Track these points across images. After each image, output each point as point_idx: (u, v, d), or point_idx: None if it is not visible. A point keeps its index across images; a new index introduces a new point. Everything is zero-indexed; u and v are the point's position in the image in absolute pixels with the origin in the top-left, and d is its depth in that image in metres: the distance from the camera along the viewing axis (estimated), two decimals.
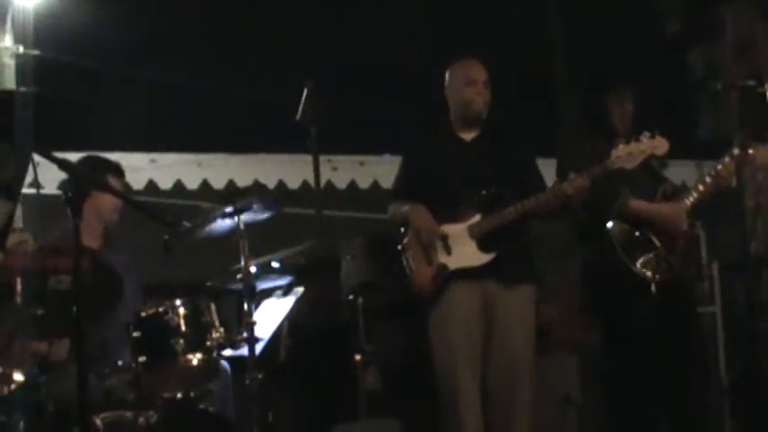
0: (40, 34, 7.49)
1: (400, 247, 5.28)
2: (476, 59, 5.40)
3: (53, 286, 4.74)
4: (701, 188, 5.35)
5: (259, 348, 5.13)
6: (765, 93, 5.24)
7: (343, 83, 7.94)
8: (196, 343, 4.72)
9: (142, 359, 4.63)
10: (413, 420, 5.78)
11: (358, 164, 8.68)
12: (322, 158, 6.89)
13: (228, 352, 4.99)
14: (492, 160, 5.26)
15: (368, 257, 6.37)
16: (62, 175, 3.96)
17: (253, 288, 5.24)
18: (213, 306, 4.87)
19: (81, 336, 3.82)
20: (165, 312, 4.73)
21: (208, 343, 4.75)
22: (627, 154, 5.01)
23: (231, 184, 8.26)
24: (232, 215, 5.02)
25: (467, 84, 5.31)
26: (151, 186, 8.07)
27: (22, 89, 7.38)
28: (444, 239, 5.15)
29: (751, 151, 5.31)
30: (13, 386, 4.30)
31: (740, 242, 6.97)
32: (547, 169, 5.45)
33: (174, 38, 8.10)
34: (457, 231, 5.14)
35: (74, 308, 3.82)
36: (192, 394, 4.76)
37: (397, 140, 6.08)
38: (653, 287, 5.19)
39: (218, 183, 8.26)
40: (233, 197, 5.15)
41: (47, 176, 6.17)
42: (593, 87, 5.62)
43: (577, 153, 5.37)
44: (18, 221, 6.27)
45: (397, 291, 5.43)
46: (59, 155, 4.03)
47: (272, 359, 6.02)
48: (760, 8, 7.16)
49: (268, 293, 5.90)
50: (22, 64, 7.40)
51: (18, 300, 4.49)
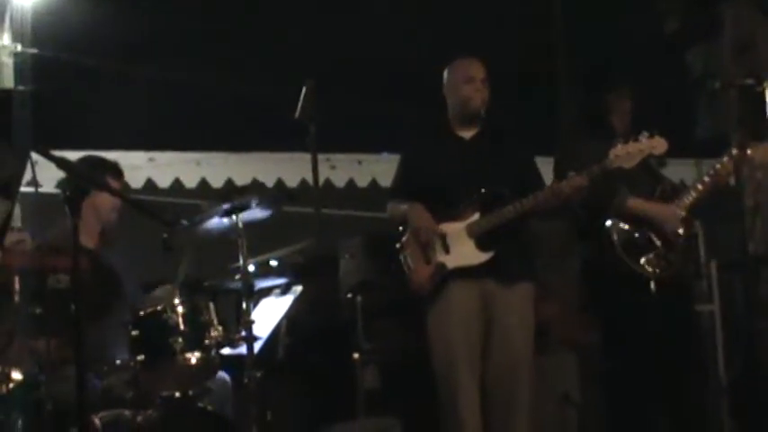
0: (39, 33, 7.50)
1: (399, 246, 5.27)
2: (474, 57, 5.40)
3: (52, 285, 4.74)
4: (700, 187, 5.36)
5: (257, 347, 5.12)
6: (764, 92, 5.24)
7: (341, 82, 7.93)
8: (195, 342, 4.71)
9: (141, 358, 4.62)
10: (411, 419, 5.77)
11: (356, 162, 8.68)
12: (321, 157, 6.88)
13: (227, 350, 4.99)
14: (491, 159, 5.24)
15: (366, 256, 6.37)
16: (60, 174, 3.94)
17: (251, 287, 5.24)
18: (212, 305, 4.86)
19: (79, 335, 3.82)
20: (164, 311, 4.72)
21: (206, 342, 4.73)
22: (625, 154, 5.00)
23: (230, 183, 8.26)
24: (231, 213, 5.01)
25: (465, 81, 5.30)
26: (150, 185, 8.07)
27: (21, 88, 7.39)
28: (443, 238, 5.14)
29: (749, 151, 5.31)
30: (12, 385, 4.30)
31: (739, 241, 6.98)
32: (547, 168, 5.45)
33: (173, 36, 8.10)
34: (455, 230, 5.13)
35: (72, 307, 3.81)
36: (191, 393, 4.75)
37: (396, 139, 6.08)
38: (652, 285, 5.20)
39: (216, 181, 8.26)
40: (232, 195, 5.13)
41: (45, 175, 6.15)
42: (592, 87, 5.62)
43: (576, 152, 5.37)
44: (16, 220, 6.26)
45: (396, 289, 5.42)
46: (58, 153, 4.02)
47: (271, 358, 6.02)
48: (759, 8, 7.15)
49: (266, 292, 5.90)
50: (21, 62, 7.40)
51: (16, 299, 4.49)
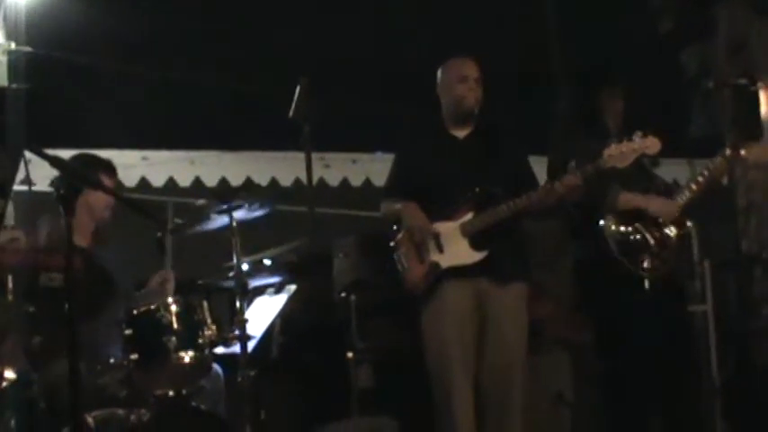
0: (32, 31, 7.48)
1: (393, 245, 5.27)
2: (468, 57, 5.40)
3: (45, 284, 4.74)
4: (694, 187, 5.36)
5: (251, 346, 5.12)
6: (757, 92, 5.24)
7: (336, 81, 7.93)
8: (188, 340, 4.71)
9: (134, 357, 4.63)
10: (405, 418, 5.77)
11: (350, 161, 8.68)
12: (315, 156, 6.86)
13: (221, 349, 4.99)
14: (484, 158, 5.24)
15: (360, 255, 6.37)
16: (54, 173, 3.93)
17: (245, 285, 5.24)
18: (205, 303, 4.86)
19: (73, 333, 3.81)
20: (158, 310, 4.72)
21: (200, 340, 4.74)
22: (619, 153, 5.00)
23: (224, 182, 8.26)
24: (224, 213, 5.01)
25: (459, 81, 5.30)
26: (143, 184, 8.06)
27: (14, 86, 7.37)
28: (437, 237, 5.14)
29: (743, 151, 5.31)
30: (5, 383, 4.29)
31: (732, 240, 6.97)
32: (543, 167, 5.45)
33: (168, 35, 8.09)
34: (449, 229, 5.14)
35: (65, 305, 3.81)
36: (184, 392, 4.75)
37: (390, 138, 6.08)
38: (646, 283, 5.20)
39: (210, 180, 8.25)
40: (225, 194, 5.14)
41: (39, 173, 6.11)
42: (585, 86, 5.62)
43: (569, 151, 5.37)
44: (9, 219, 6.25)
45: (390, 288, 5.42)
46: (51, 152, 4.02)
47: (265, 357, 6.02)
48: (753, 8, 7.15)
49: (260, 291, 5.90)
50: (14, 60, 7.38)
51: (9, 297, 4.49)
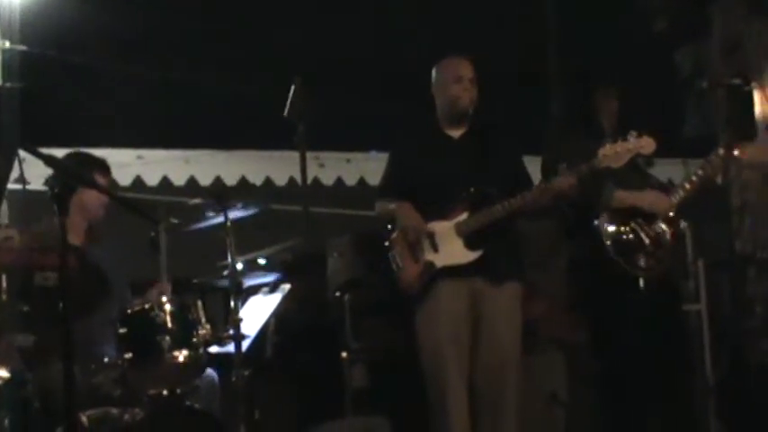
0: (27, 30, 7.48)
1: (387, 245, 5.27)
2: (463, 56, 5.39)
3: (39, 283, 4.73)
4: (688, 186, 5.36)
5: (245, 345, 5.12)
6: (751, 92, 5.25)
7: (330, 80, 7.94)
8: (182, 340, 4.70)
9: (128, 356, 4.62)
10: (399, 418, 5.77)
11: (345, 161, 8.70)
12: (309, 155, 6.89)
13: (215, 349, 4.98)
14: (479, 158, 5.24)
15: (355, 254, 6.36)
16: (48, 171, 3.92)
17: (239, 285, 5.24)
18: (200, 303, 4.86)
19: (67, 332, 3.80)
20: (152, 309, 4.71)
21: (194, 340, 4.73)
22: (614, 153, 5.00)
23: (218, 181, 8.27)
24: (219, 211, 5.01)
25: (453, 81, 5.29)
26: (138, 182, 8.07)
27: (8, 85, 7.37)
28: (431, 237, 5.14)
29: (736, 151, 5.32)
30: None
31: (726, 240, 6.98)
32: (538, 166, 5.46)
33: (162, 34, 8.09)
34: (444, 229, 5.13)
35: (60, 304, 3.80)
36: (179, 391, 4.74)
37: (384, 137, 6.08)
38: (641, 283, 5.20)
39: (205, 179, 8.27)
40: (220, 194, 5.13)
41: (33, 172, 6.13)
42: (579, 85, 5.62)
43: (564, 151, 5.37)
44: (3, 217, 6.25)
45: (384, 288, 5.41)
46: (46, 151, 4.01)
47: (259, 356, 6.01)
48: (748, 8, 7.15)
49: (254, 290, 5.89)
50: (8, 59, 7.39)
51: (3, 296, 4.48)
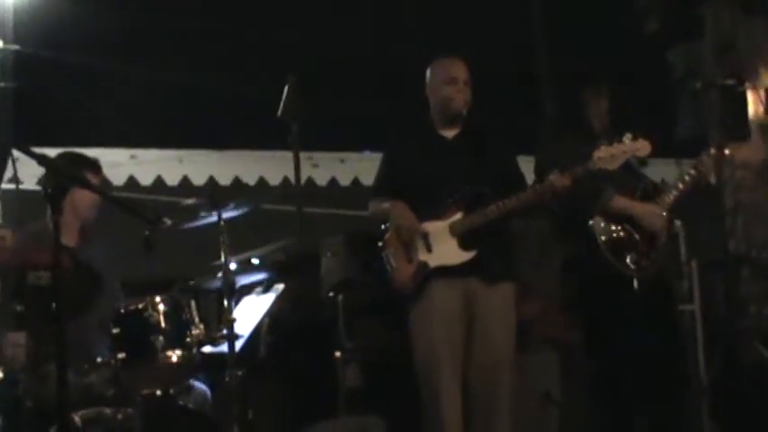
0: (20, 29, 7.47)
1: (381, 245, 5.27)
2: (456, 57, 5.40)
3: (32, 282, 4.72)
4: (681, 186, 5.38)
5: (239, 345, 5.12)
6: (744, 92, 5.26)
7: (324, 81, 7.94)
8: (176, 340, 4.71)
9: (121, 356, 4.62)
10: (393, 418, 5.77)
11: (339, 161, 8.70)
12: (303, 155, 6.89)
13: (208, 349, 4.98)
14: (473, 158, 5.24)
15: (348, 254, 6.36)
16: (42, 171, 3.92)
17: (233, 285, 5.24)
18: (193, 303, 4.86)
19: (60, 332, 3.80)
20: (145, 309, 4.71)
21: (188, 340, 4.74)
22: (609, 155, 5.01)
23: (212, 181, 8.27)
24: (212, 211, 5.01)
25: (447, 82, 5.29)
26: (132, 182, 8.06)
27: (2, 84, 7.36)
28: (425, 237, 5.14)
29: (728, 151, 5.33)
30: None
31: (719, 240, 6.99)
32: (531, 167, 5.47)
33: (155, 34, 8.09)
34: (438, 229, 5.13)
35: (53, 304, 3.80)
36: (172, 391, 4.74)
37: (378, 138, 6.08)
38: (635, 283, 5.21)
39: (198, 179, 8.26)
40: (214, 194, 5.14)
41: (26, 172, 6.13)
42: (569, 85, 5.62)
43: (557, 152, 5.38)
44: None
45: (378, 288, 5.41)
46: (39, 150, 4.01)
47: (252, 356, 6.01)
48: (740, 8, 7.17)
49: (248, 290, 5.89)
50: (2, 59, 7.38)
51: None
